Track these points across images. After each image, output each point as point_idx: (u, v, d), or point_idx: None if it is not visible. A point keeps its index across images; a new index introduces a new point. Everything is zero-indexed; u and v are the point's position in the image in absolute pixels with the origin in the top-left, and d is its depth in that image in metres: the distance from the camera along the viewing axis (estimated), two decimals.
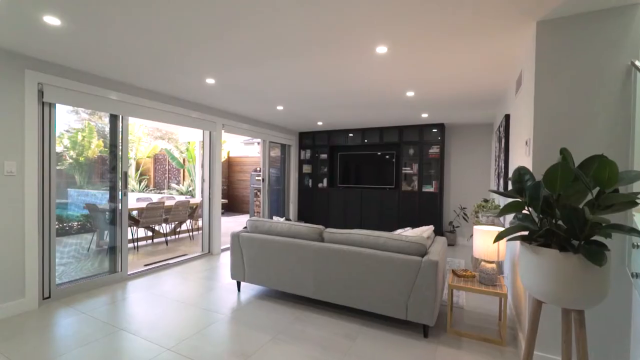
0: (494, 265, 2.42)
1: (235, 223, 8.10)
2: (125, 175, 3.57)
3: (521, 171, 1.69)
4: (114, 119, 3.50)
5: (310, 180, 6.98)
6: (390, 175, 6.05)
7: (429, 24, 2.06)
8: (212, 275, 3.78)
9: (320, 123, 5.81)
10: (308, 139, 6.95)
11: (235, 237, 3.21)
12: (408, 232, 3.00)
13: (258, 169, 9.01)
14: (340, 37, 2.25)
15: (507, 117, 3.18)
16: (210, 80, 3.30)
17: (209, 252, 4.76)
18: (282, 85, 3.45)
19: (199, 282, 3.54)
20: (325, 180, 6.82)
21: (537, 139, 2.01)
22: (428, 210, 5.64)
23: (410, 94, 3.67)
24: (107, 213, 3.60)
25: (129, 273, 3.65)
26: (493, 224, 3.48)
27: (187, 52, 2.57)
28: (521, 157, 2.44)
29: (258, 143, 10.73)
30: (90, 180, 3.88)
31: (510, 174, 3.10)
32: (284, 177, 6.85)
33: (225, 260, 4.48)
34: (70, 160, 4.88)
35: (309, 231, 2.89)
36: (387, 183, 6.08)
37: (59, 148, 5.01)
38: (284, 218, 3.33)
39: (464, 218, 5.63)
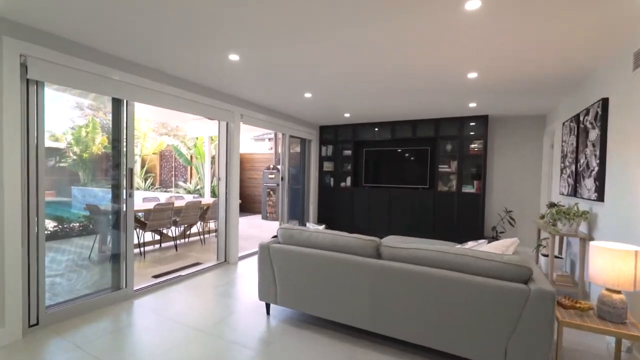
0: (622, 297, 1.80)
1: (248, 224, 7.50)
2: (131, 172, 2.99)
3: None
4: (117, 104, 2.92)
5: (331, 179, 6.37)
6: (424, 174, 5.42)
7: None
8: (232, 291, 3.20)
9: (347, 115, 5.19)
10: (330, 134, 6.32)
11: (265, 249, 2.62)
12: (485, 247, 2.38)
13: (271, 166, 8.41)
14: None
15: (604, 102, 2.55)
16: (234, 57, 2.70)
17: (225, 260, 4.17)
18: (321, 64, 2.83)
19: (217, 301, 2.95)
20: (348, 179, 6.20)
21: None
22: (468, 213, 5.00)
23: (472, 75, 3.04)
24: (109, 215, 3.03)
25: (135, 289, 3.07)
26: (576, 235, 2.85)
27: (210, 17, 1.97)
28: None
29: (269, 139, 10.12)
30: (94, 177, 3.38)
31: (610, 173, 2.46)
32: (303, 175, 6.23)
33: (243, 270, 3.89)
34: (74, 157, 4.34)
35: (362, 244, 2.28)
36: (421, 182, 5.45)
37: (61, 144, 4.49)
38: (323, 226, 2.73)
39: (509, 222, 4.99)
